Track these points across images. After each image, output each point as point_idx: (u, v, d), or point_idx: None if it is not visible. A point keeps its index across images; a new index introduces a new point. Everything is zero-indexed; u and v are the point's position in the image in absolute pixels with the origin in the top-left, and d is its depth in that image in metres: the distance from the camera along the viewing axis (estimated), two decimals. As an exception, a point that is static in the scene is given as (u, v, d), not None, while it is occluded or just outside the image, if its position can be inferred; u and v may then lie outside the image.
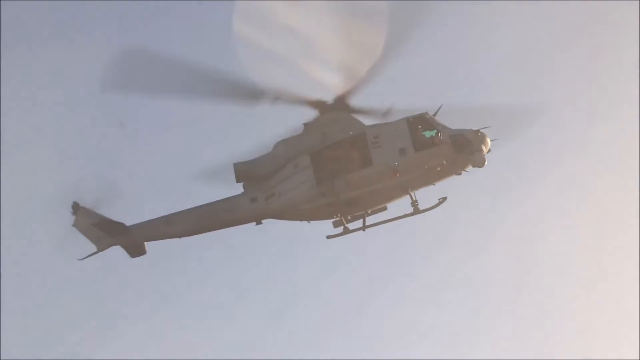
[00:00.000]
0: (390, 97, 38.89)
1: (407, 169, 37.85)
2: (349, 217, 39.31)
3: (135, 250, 41.16)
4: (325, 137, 38.80)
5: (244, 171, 39.35)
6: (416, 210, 38.60)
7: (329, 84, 39.08)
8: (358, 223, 39.51)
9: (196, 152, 48.99)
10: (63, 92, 56.17)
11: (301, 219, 39.29)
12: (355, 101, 39.42)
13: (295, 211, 38.81)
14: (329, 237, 39.06)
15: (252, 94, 38.31)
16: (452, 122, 38.55)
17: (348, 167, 38.01)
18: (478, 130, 38.31)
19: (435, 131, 38.15)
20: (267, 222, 39.47)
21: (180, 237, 40.13)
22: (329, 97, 39.47)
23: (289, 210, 38.88)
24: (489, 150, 38.63)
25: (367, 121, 39.28)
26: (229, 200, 39.75)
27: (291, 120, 39.36)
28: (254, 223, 39.57)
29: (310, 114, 39.63)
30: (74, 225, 41.11)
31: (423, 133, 38.13)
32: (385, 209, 39.80)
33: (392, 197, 38.88)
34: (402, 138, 37.95)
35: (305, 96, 39.03)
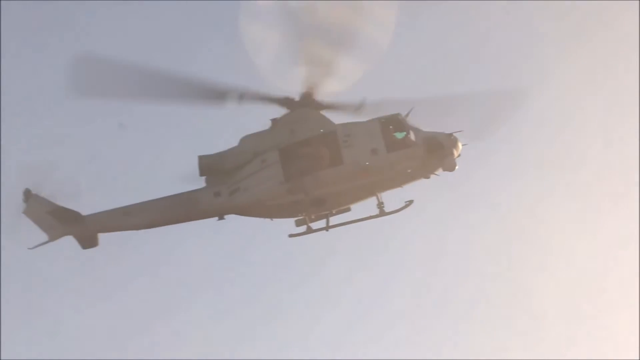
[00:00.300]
0: (360, 92, 38.03)
1: (378, 169, 37.22)
2: (313, 217, 38.40)
3: (88, 241, 39.75)
4: (293, 134, 37.96)
5: (208, 164, 38.34)
6: (382, 213, 37.96)
7: (295, 80, 38.23)
8: (321, 223, 38.49)
9: (164, 152, 47.55)
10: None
11: (265, 216, 38.39)
12: (324, 97, 38.49)
13: (260, 207, 37.93)
14: (291, 235, 38.18)
15: (217, 94, 37.51)
16: (424, 122, 37.93)
17: (318, 165, 37.29)
18: (451, 134, 37.82)
19: (408, 133, 37.58)
20: (230, 218, 38.39)
21: (138, 230, 38.95)
22: (296, 94, 38.50)
23: (253, 206, 37.97)
24: (459, 155, 37.96)
25: (338, 117, 38.42)
26: (191, 193, 38.63)
27: (260, 120, 38.61)
28: (216, 218, 38.47)
29: (279, 111, 38.65)
30: (24, 213, 39.63)
31: (395, 134, 37.55)
32: (349, 209, 39.02)
33: (359, 198, 38.14)
34: (374, 138, 37.36)
35: (271, 94, 38.12)
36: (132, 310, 50.92)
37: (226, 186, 38.25)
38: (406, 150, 37.21)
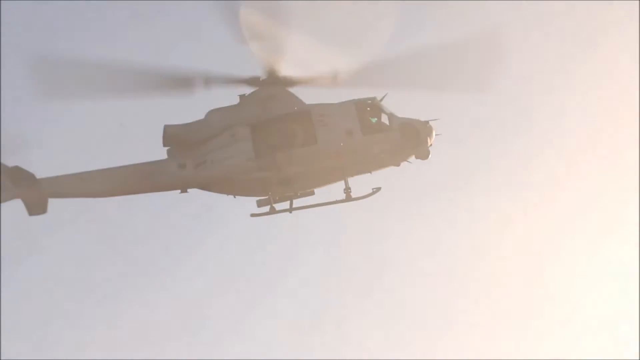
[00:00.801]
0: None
1: (352, 151, 36.48)
2: (277, 198, 37.34)
3: (37, 207, 37.98)
4: (264, 111, 36.96)
5: (173, 134, 37.12)
6: (348, 198, 37.08)
7: (259, 58, 37.05)
8: (284, 205, 37.43)
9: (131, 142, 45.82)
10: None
11: (229, 193, 37.24)
12: (293, 72, 37.41)
13: (225, 183, 36.80)
14: (253, 215, 37.17)
15: (182, 82, 36.49)
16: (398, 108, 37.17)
17: (291, 143, 36.49)
18: (427, 122, 37.23)
19: (383, 117, 36.94)
20: (192, 192, 37.13)
21: (94, 197, 37.48)
22: (262, 73, 37.38)
23: (219, 180, 36.83)
24: (431, 145, 37.29)
25: (312, 92, 37.43)
26: (154, 163, 37.29)
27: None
28: (179, 191, 37.26)
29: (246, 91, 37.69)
30: None
31: (371, 118, 36.91)
32: (313, 193, 38.06)
33: (328, 180, 37.25)
34: (349, 120, 36.62)
35: (237, 75, 37.08)
36: (72, 284, 49.15)
37: (192, 159, 37.05)
38: (381, 135, 36.54)
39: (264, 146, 36.68)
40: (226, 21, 35.74)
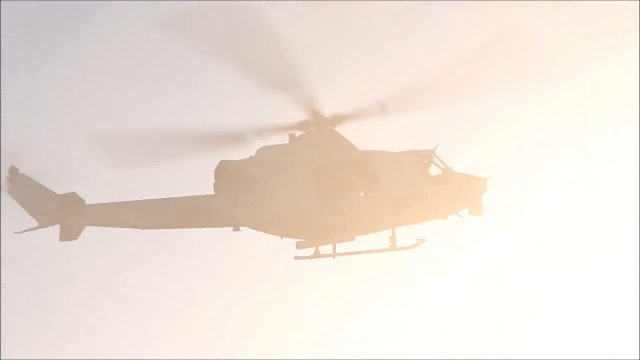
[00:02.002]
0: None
1: (410, 202, 36.43)
2: (323, 242, 37.00)
3: (72, 233, 37.26)
4: (317, 154, 36.77)
5: (229, 170, 36.62)
6: (393, 247, 37.13)
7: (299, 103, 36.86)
8: (327, 249, 37.16)
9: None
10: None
11: (281, 234, 36.89)
12: (336, 110, 37.12)
13: (281, 224, 36.49)
14: (297, 258, 37.03)
15: (235, 137, 36.48)
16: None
17: (354, 189, 36.43)
18: (484, 178, 37.19)
19: (442, 170, 37.06)
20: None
21: (141, 229, 36.81)
22: (308, 115, 37.17)
23: (275, 221, 36.53)
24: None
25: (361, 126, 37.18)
26: (205, 198, 36.79)
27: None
28: (231, 229, 36.86)
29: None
30: (8, 192, 37.02)
31: (430, 169, 36.91)
32: (353, 239, 37.59)
33: (379, 228, 37.10)
34: (409, 170, 36.60)
35: (285, 122, 36.98)
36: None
37: (246, 197, 36.64)
38: (439, 187, 36.57)
39: (327, 190, 36.47)
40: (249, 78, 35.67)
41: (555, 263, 49.95)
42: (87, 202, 36.72)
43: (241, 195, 36.61)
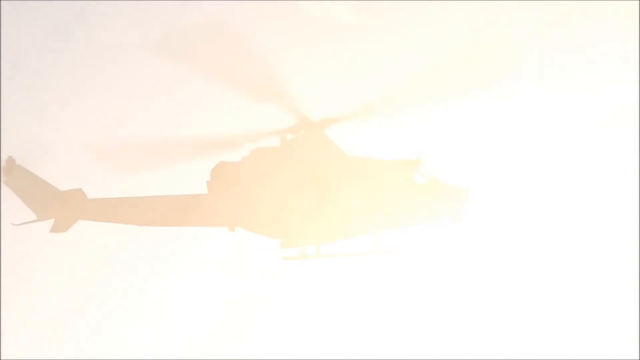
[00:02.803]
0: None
1: (396, 208, 37.52)
2: (308, 243, 38.05)
3: (63, 226, 38.14)
4: (309, 158, 37.77)
5: (227, 171, 37.61)
6: (377, 251, 38.11)
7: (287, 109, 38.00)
8: (312, 250, 38.08)
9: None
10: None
11: (274, 236, 37.89)
12: (327, 115, 38.26)
13: (275, 226, 37.54)
14: (284, 258, 38.03)
15: (228, 143, 37.51)
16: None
17: (344, 194, 37.43)
18: (468, 188, 38.07)
19: (429, 178, 37.93)
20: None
21: (140, 225, 37.74)
22: (296, 120, 38.25)
23: (273, 223, 37.60)
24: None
25: (350, 127, 38.18)
26: (202, 197, 37.83)
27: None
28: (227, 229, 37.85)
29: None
30: (5, 184, 37.76)
31: (416, 177, 37.84)
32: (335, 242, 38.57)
33: (365, 232, 38.13)
34: (397, 177, 37.58)
35: (276, 128, 37.99)
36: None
37: (242, 198, 37.68)
38: (424, 195, 37.48)
39: (322, 195, 37.43)
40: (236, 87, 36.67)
41: (551, 263, 50.59)
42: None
43: (235, 196, 37.60)
